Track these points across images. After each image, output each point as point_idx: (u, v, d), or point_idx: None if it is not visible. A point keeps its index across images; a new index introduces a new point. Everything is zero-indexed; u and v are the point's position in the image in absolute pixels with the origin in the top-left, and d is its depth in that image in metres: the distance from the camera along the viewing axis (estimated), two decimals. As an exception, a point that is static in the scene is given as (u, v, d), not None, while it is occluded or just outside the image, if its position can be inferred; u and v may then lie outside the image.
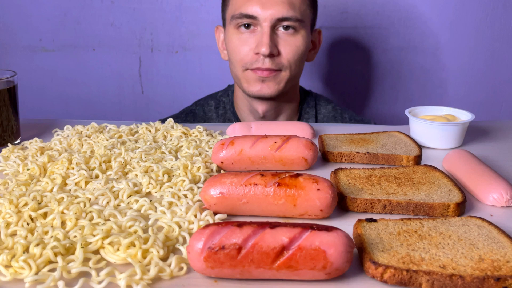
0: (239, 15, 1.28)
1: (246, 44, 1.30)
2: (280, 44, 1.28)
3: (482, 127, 1.18)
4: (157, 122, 1.15)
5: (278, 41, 1.28)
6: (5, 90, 1.02)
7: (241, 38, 1.30)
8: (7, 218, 0.71)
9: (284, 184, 0.70)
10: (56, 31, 1.88)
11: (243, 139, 0.90)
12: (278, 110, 1.43)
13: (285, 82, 1.33)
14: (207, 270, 0.57)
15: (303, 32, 1.31)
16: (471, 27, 1.81)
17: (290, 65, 1.30)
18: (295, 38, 1.30)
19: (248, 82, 1.33)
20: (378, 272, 0.57)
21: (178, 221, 0.70)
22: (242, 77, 1.34)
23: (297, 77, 1.39)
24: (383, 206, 0.75)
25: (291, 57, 1.30)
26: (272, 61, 1.28)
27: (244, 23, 1.29)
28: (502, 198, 0.77)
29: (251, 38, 1.29)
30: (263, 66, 1.28)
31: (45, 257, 0.60)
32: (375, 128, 1.20)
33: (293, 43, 1.29)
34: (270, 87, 1.32)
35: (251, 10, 1.26)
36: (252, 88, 1.33)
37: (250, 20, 1.27)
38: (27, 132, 1.13)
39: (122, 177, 0.87)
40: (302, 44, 1.31)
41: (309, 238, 0.56)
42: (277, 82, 1.32)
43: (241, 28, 1.30)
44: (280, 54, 1.29)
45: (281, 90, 1.34)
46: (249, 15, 1.26)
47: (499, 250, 0.61)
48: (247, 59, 1.30)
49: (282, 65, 1.30)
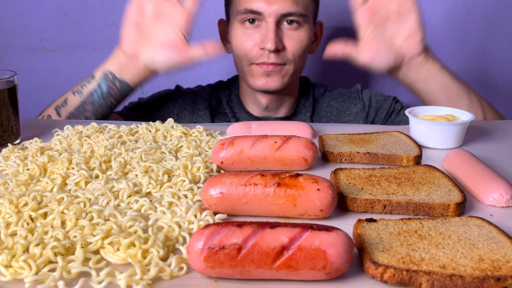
0: (244, 11, 1.30)
1: (251, 39, 1.31)
2: (284, 39, 1.30)
3: (482, 127, 1.18)
4: (157, 122, 1.15)
5: (282, 35, 1.30)
6: (5, 90, 1.02)
7: (246, 33, 1.32)
8: (7, 218, 0.71)
9: (284, 184, 0.70)
10: (56, 31, 1.88)
11: (243, 139, 0.90)
12: (281, 101, 1.45)
13: (289, 76, 1.35)
14: (207, 270, 0.57)
15: (306, 26, 1.33)
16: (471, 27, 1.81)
17: (294, 59, 1.33)
18: (299, 32, 1.32)
19: (253, 76, 1.35)
20: (378, 272, 0.57)
21: (178, 221, 0.70)
22: (247, 71, 1.36)
23: (300, 70, 1.41)
24: (383, 206, 0.75)
25: (295, 51, 1.32)
26: (277, 55, 1.30)
27: (249, 18, 1.30)
28: (502, 198, 0.77)
29: (256, 33, 1.31)
30: (269, 61, 1.30)
31: (45, 257, 0.60)
32: (375, 128, 1.20)
33: (297, 37, 1.31)
34: (275, 81, 1.34)
35: (256, 5, 1.27)
36: (257, 82, 1.35)
37: (255, 16, 1.29)
38: (27, 132, 1.13)
39: (122, 177, 0.87)
40: (306, 38, 1.34)
41: (309, 238, 0.56)
42: (282, 76, 1.34)
43: (246, 23, 1.32)
44: (285, 49, 1.31)
45: (286, 83, 1.36)
46: (254, 11, 1.28)
47: (499, 250, 0.61)
48: (252, 54, 1.32)
49: (287, 59, 1.32)
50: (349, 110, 1.49)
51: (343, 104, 1.50)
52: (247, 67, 1.35)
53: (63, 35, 1.88)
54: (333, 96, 1.52)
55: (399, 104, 1.48)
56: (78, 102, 1.26)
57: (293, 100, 1.49)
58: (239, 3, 1.32)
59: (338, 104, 1.50)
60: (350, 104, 1.49)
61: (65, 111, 1.27)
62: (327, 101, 1.51)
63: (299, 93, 1.50)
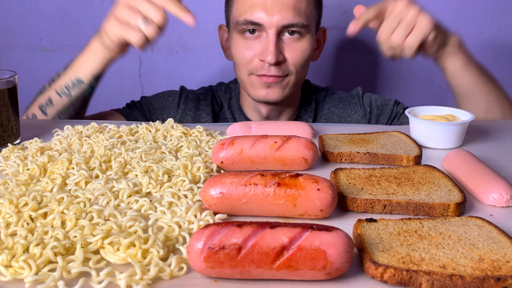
0: (244, 22, 1.26)
1: (251, 50, 1.28)
2: (285, 50, 1.27)
3: (482, 127, 1.18)
4: (157, 122, 1.15)
5: (283, 47, 1.27)
6: (5, 90, 1.02)
7: (246, 44, 1.29)
8: (7, 218, 0.71)
9: (284, 184, 0.70)
10: (56, 31, 1.88)
11: (243, 139, 0.90)
12: (281, 110, 1.43)
13: (290, 87, 1.32)
14: (207, 270, 0.57)
15: (309, 36, 1.30)
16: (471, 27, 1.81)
17: (296, 69, 1.29)
18: (301, 43, 1.28)
19: (254, 87, 1.32)
20: (378, 272, 0.57)
21: (178, 221, 0.70)
22: (247, 81, 1.33)
23: (302, 80, 1.38)
24: (383, 206, 0.75)
25: (297, 62, 1.28)
26: (278, 68, 1.27)
27: (249, 28, 1.27)
28: (502, 198, 0.77)
29: (256, 43, 1.28)
30: (269, 73, 1.27)
31: (45, 257, 0.60)
32: (375, 128, 1.20)
33: (299, 48, 1.28)
34: (275, 93, 1.31)
35: (256, 17, 1.24)
36: (257, 93, 1.32)
37: (255, 27, 1.26)
38: (27, 132, 1.13)
39: (122, 177, 0.87)
40: (308, 48, 1.30)
41: (309, 238, 0.56)
42: (283, 87, 1.31)
43: (246, 34, 1.29)
44: (286, 61, 1.28)
45: (287, 94, 1.33)
46: (255, 22, 1.25)
47: (499, 250, 0.61)
48: (252, 65, 1.29)
49: (289, 71, 1.29)
50: (350, 117, 1.47)
51: (343, 110, 1.47)
52: (247, 77, 1.32)
53: (63, 35, 1.88)
54: (334, 102, 1.49)
55: (401, 107, 1.46)
56: (66, 102, 1.24)
57: (294, 108, 1.46)
58: (239, 13, 1.28)
59: (339, 111, 1.48)
60: (351, 111, 1.47)
61: (52, 110, 1.25)
62: (328, 107, 1.49)
63: (300, 99, 1.48)
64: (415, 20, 1.11)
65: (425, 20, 1.11)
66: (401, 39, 1.12)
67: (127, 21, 1.12)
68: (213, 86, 1.57)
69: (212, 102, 1.50)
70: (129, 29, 1.11)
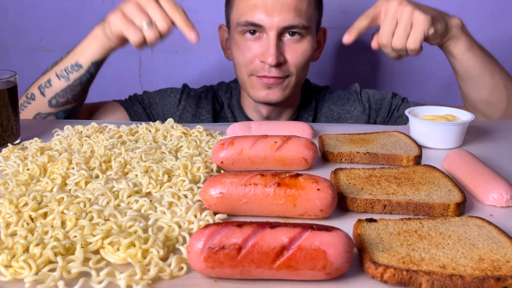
0: (245, 23, 1.26)
1: (251, 51, 1.28)
2: (286, 51, 1.27)
3: (482, 127, 1.18)
4: (157, 122, 1.15)
5: (284, 48, 1.27)
6: (5, 90, 1.02)
7: (247, 45, 1.29)
8: (7, 218, 0.71)
9: (284, 184, 0.70)
10: (56, 31, 1.88)
11: (243, 139, 0.90)
12: (282, 110, 1.43)
13: (291, 88, 1.32)
14: (207, 270, 0.57)
15: (309, 37, 1.30)
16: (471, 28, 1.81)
17: (296, 71, 1.29)
18: (301, 44, 1.28)
19: (254, 88, 1.32)
20: (378, 272, 0.57)
21: (178, 221, 0.70)
22: (248, 82, 1.33)
23: (302, 80, 1.38)
24: (383, 206, 0.75)
25: (297, 63, 1.28)
26: (279, 69, 1.26)
27: (250, 29, 1.27)
28: (502, 198, 0.77)
29: (256, 44, 1.27)
30: (270, 75, 1.27)
31: (45, 257, 0.60)
32: (375, 128, 1.20)
33: (299, 49, 1.28)
34: (276, 94, 1.31)
35: (257, 18, 1.24)
36: (257, 94, 1.32)
37: (256, 28, 1.26)
38: (27, 132, 1.13)
39: (122, 177, 0.87)
40: (309, 49, 1.30)
41: (309, 238, 0.56)
42: (283, 88, 1.31)
43: (247, 35, 1.28)
44: (286, 62, 1.27)
45: (287, 95, 1.33)
46: (255, 24, 1.24)
47: (499, 250, 0.61)
48: (252, 66, 1.28)
49: (289, 72, 1.29)
50: (350, 114, 1.47)
51: (343, 107, 1.48)
52: (247, 78, 1.32)
53: (63, 35, 1.88)
54: (333, 100, 1.49)
55: (398, 98, 1.46)
56: (64, 85, 1.24)
57: (294, 108, 1.47)
58: (239, 14, 1.28)
59: (338, 108, 1.48)
60: (351, 107, 1.48)
61: (50, 92, 1.25)
62: (327, 106, 1.49)
63: (300, 99, 1.48)
64: (411, 19, 1.11)
65: (421, 18, 1.11)
66: (403, 42, 1.12)
67: (132, 19, 1.12)
68: (214, 85, 1.57)
69: (213, 100, 1.50)
70: (131, 27, 1.12)
